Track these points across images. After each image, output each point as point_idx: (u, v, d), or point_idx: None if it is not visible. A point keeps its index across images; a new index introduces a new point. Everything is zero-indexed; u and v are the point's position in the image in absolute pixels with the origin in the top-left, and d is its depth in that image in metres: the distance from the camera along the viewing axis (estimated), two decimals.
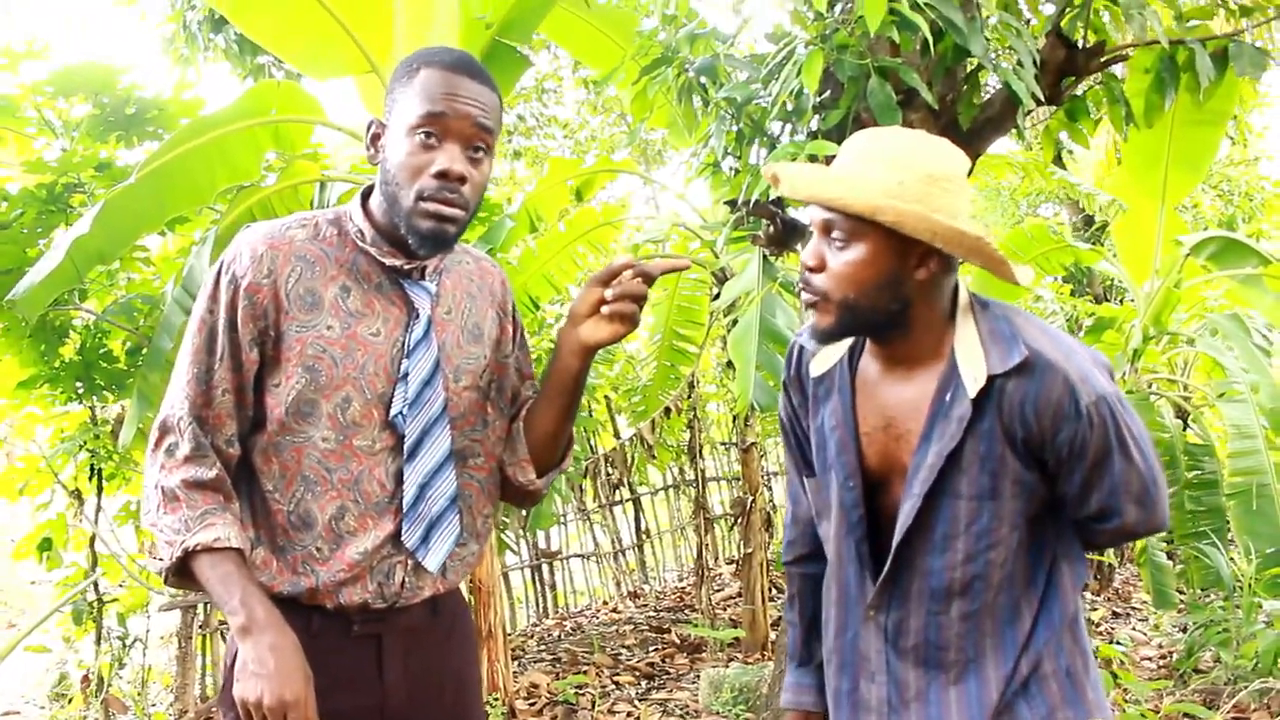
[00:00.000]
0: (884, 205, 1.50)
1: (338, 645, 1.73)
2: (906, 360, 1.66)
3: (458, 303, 1.85)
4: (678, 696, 5.22)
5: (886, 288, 1.57)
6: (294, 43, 4.67)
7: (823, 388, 1.78)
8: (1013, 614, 1.67)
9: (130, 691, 5.40)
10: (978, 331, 1.61)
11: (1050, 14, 3.50)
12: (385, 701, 1.76)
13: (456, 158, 1.66)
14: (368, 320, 1.72)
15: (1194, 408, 7.03)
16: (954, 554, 1.63)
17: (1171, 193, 6.05)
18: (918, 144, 1.58)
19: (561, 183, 5.87)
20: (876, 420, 1.70)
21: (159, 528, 1.65)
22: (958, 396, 1.59)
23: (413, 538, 1.74)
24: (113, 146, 4.78)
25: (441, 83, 1.67)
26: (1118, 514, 1.62)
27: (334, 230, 1.76)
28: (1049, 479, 1.62)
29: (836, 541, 1.76)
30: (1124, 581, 7.58)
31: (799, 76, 3.05)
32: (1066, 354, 1.57)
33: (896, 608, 1.69)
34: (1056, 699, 1.67)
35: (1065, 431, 1.55)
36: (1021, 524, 1.63)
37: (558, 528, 7.62)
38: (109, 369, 4.76)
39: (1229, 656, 4.98)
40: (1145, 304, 6.36)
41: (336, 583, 1.71)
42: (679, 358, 6.89)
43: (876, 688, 1.72)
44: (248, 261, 1.68)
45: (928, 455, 1.61)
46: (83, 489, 5.13)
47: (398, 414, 1.72)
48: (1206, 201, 10.56)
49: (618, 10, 5.22)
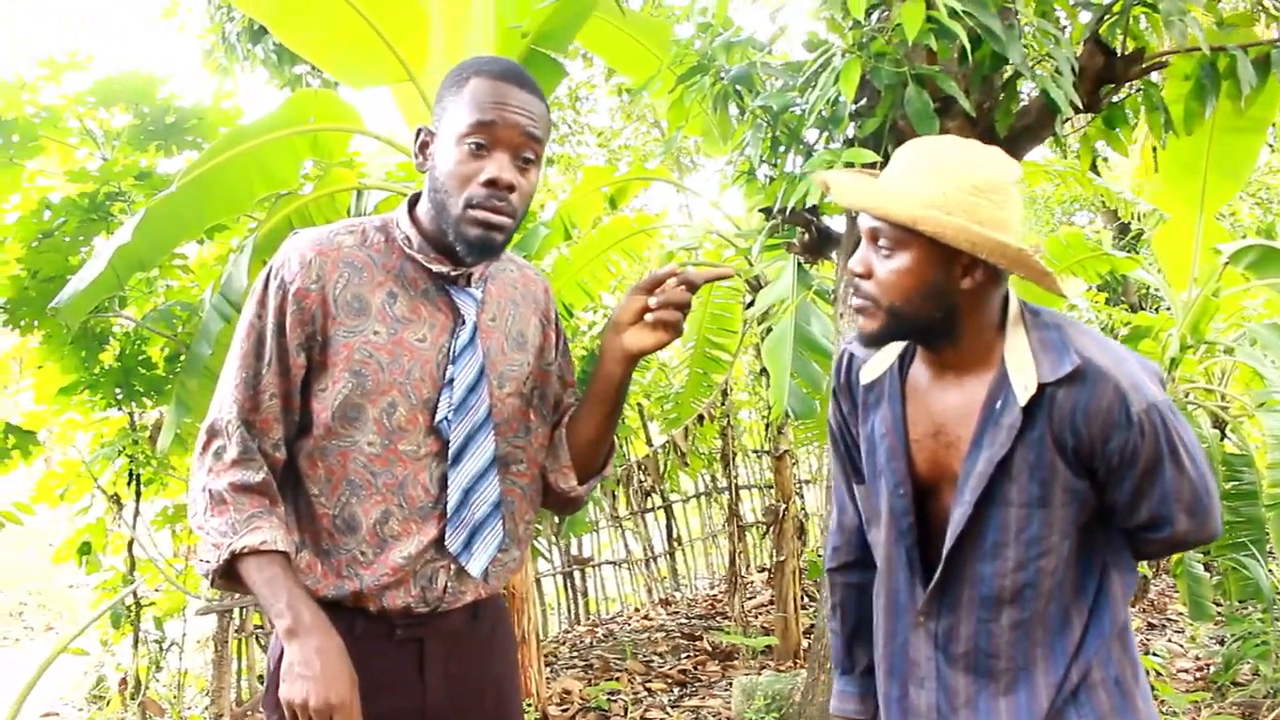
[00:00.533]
0: (924, 216, 1.51)
1: (380, 648, 1.75)
2: (956, 367, 1.67)
3: (502, 310, 1.87)
4: (710, 704, 5.21)
5: (931, 296, 1.58)
6: (333, 52, 4.71)
7: (873, 395, 1.79)
8: (1063, 622, 1.66)
9: (166, 695, 5.45)
10: (1028, 340, 1.61)
11: (1088, 21, 3.48)
12: (426, 704, 1.77)
13: (505, 166, 1.67)
14: (414, 326, 1.74)
15: (1232, 418, 6.95)
16: (1005, 561, 1.63)
17: (1210, 201, 5.98)
18: (966, 154, 1.59)
19: (595, 190, 5.89)
20: (926, 427, 1.70)
21: (206, 530, 1.66)
22: (1008, 404, 1.59)
23: (456, 543, 1.75)
24: (152, 155, 4.85)
25: (491, 92, 1.68)
26: (1169, 523, 1.61)
27: (381, 237, 1.78)
28: (1099, 487, 1.61)
29: (887, 548, 1.77)
30: (1160, 593, 7.50)
31: (836, 84, 3.05)
32: (1117, 362, 1.56)
33: (947, 614, 1.69)
34: (1105, 708, 1.66)
35: (1116, 440, 1.54)
36: (1073, 532, 1.63)
37: (590, 535, 7.62)
38: (148, 375, 4.82)
39: (1268, 669, 4.92)
40: (1183, 312, 6.30)
41: (380, 586, 1.72)
42: (712, 365, 6.89)
43: (926, 694, 1.72)
44: (296, 267, 1.70)
45: (978, 463, 1.61)
46: (121, 494, 5.19)
47: (443, 419, 1.73)
48: (1245, 209, 10.45)
49: (652, 19, 5.24)
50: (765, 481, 8.49)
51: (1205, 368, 7.24)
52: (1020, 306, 1.65)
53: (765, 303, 5.00)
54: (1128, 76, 3.46)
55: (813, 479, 8.89)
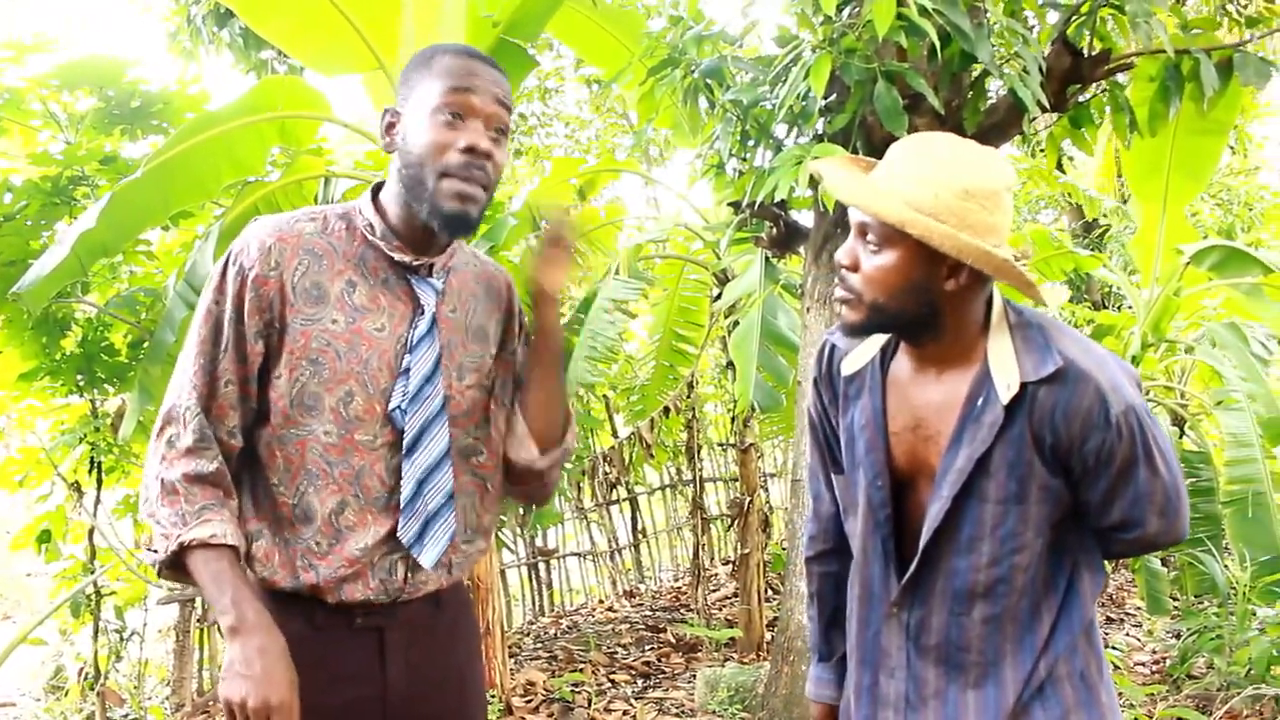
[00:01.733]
0: (913, 219, 1.52)
1: (340, 638, 1.74)
2: (938, 362, 1.68)
3: (463, 302, 1.86)
4: (673, 695, 5.22)
5: (914, 294, 1.59)
6: (302, 39, 4.67)
7: (854, 386, 1.80)
8: (1033, 618, 1.68)
9: (127, 685, 5.41)
10: (1011, 339, 1.62)
11: (1056, 21, 3.52)
12: (387, 694, 1.76)
13: (481, 134, 1.68)
14: (373, 315, 1.73)
15: (1191, 415, 7.05)
16: (979, 556, 1.65)
17: (1173, 201, 6.07)
18: (960, 156, 1.59)
19: (564, 181, 5.88)
20: (906, 420, 1.71)
21: (156, 519, 1.65)
22: (990, 402, 1.60)
23: (409, 534, 1.74)
24: (117, 140, 4.79)
25: (462, 65, 1.69)
26: (1140, 524, 1.64)
27: (343, 225, 1.77)
28: (1074, 486, 1.63)
29: (863, 539, 1.78)
30: (1119, 588, 7.60)
31: (806, 79, 3.07)
32: (1099, 364, 1.58)
33: (919, 606, 1.71)
34: (1070, 702, 1.69)
35: (1094, 440, 1.56)
36: (1046, 530, 1.65)
37: (555, 526, 7.62)
38: (110, 362, 4.77)
39: (1222, 663, 5.00)
40: (1145, 311, 6.38)
41: (338, 579, 1.71)
42: (678, 358, 6.90)
43: (896, 683, 1.74)
44: (255, 254, 1.68)
45: (958, 458, 1.63)
46: (82, 482, 5.13)
47: (396, 408, 1.72)
48: (1206, 210, 10.58)
49: (624, 10, 5.23)
50: (730, 475, 8.53)
51: (1166, 366, 7.34)
52: (1004, 305, 1.67)
53: (732, 296, 5.02)
54: (1094, 77, 3.50)
55: (778, 472, 8.93)
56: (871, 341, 1.77)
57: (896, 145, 1.64)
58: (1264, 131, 11.48)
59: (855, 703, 1.81)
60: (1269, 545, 5.79)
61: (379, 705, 1.76)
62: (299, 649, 1.68)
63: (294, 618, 1.71)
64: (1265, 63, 3.39)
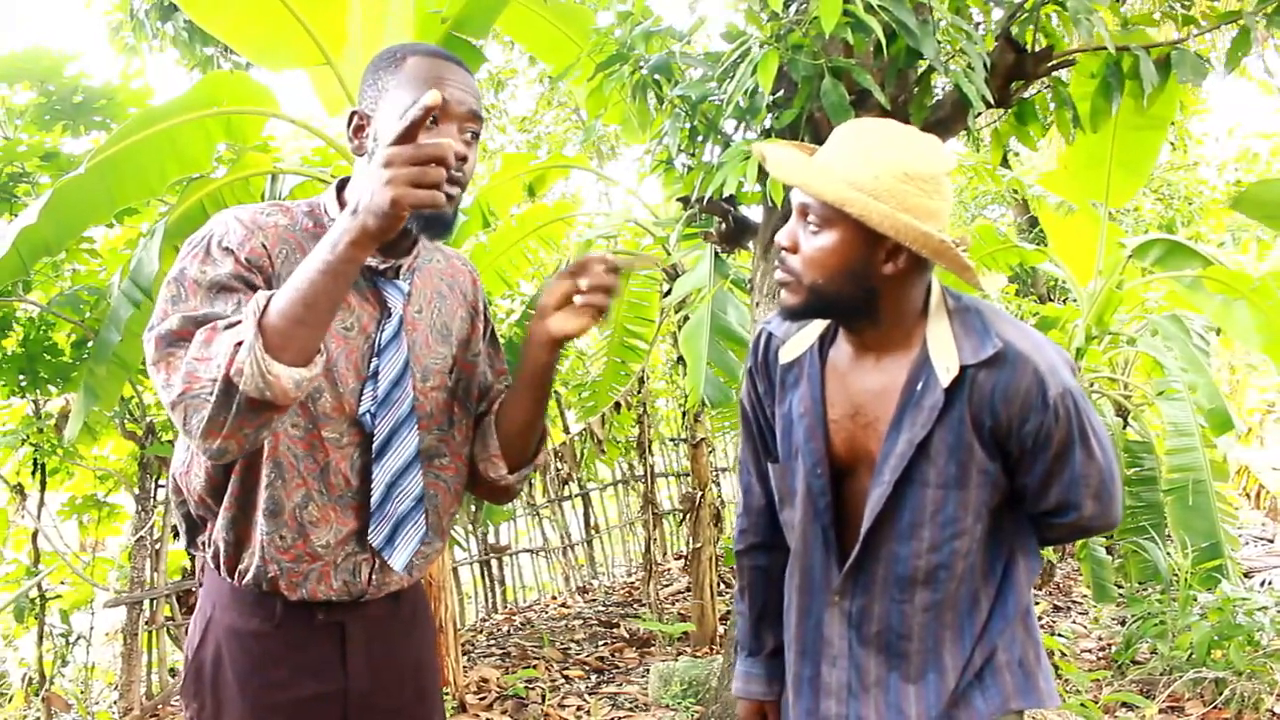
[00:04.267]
0: (853, 198, 1.53)
1: (301, 633, 1.74)
2: (876, 349, 1.69)
3: (428, 302, 1.85)
4: (627, 690, 5.24)
5: (853, 277, 1.60)
6: (248, 34, 4.62)
7: (791, 374, 1.81)
8: (972, 605, 1.70)
9: (73, 690, 5.32)
10: (950, 324, 1.64)
11: (1000, 18, 3.57)
12: (349, 688, 1.77)
13: (456, 139, 1.67)
14: (343, 314, 1.71)
15: (1134, 406, 7.19)
16: (920, 542, 1.66)
17: (1114, 195, 6.17)
18: (902, 140, 1.60)
19: (514, 177, 5.86)
20: (845, 408, 1.73)
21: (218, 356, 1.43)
22: (929, 386, 1.62)
23: (379, 537, 1.74)
24: (58, 135, 4.71)
25: (433, 69, 1.68)
26: (1075, 508, 1.67)
27: (309, 222, 1.74)
28: (1011, 471, 1.66)
29: (802, 527, 1.79)
30: (1065, 576, 7.71)
31: (753, 75, 3.08)
32: (1036, 347, 1.61)
33: (861, 594, 1.72)
34: (1010, 689, 1.72)
35: (1032, 422, 1.59)
36: (985, 515, 1.67)
37: (507, 523, 7.61)
38: (53, 362, 4.68)
39: (1165, 648, 5.10)
40: (1088, 304, 6.48)
41: (300, 574, 1.71)
42: (629, 353, 6.91)
43: (838, 672, 1.75)
44: (242, 232, 1.63)
45: (898, 444, 1.64)
46: (25, 484, 5.05)
47: (365, 412, 1.72)
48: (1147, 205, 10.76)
49: (574, 6, 5.22)
50: (682, 469, 8.55)
51: (1109, 357, 7.46)
52: (942, 292, 1.69)
53: (682, 291, 5.03)
54: (1037, 73, 3.55)
55: (730, 467, 8.97)
56: (810, 329, 1.78)
57: (839, 129, 1.66)
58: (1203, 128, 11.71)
59: (795, 695, 1.81)
60: (1208, 532, 5.92)
61: (340, 700, 1.77)
62: (259, 644, 1.68)
63: (254, 614, 1.72)
64: (1201, 60, 3.46)
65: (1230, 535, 6.07)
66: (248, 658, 1.73)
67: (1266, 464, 11.50)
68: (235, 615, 1.74)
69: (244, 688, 1.72)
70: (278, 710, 1.71)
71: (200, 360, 1.45)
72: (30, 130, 4.62)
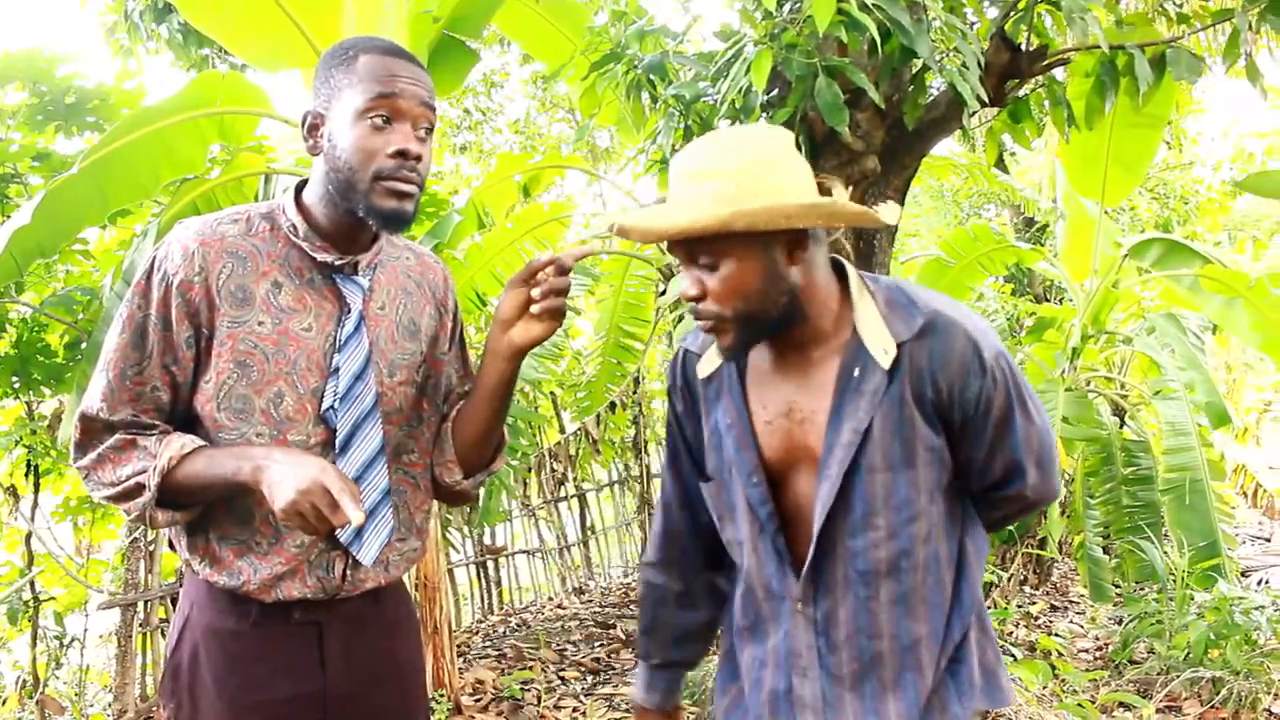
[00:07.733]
0: (729, 215, 1.48)
1: (278, 634, 1.74)
2: (802, 345, 1.66)
3: (393, 298, 1.85)
4: (623, 692, 5.22)
5: (771, 286, 1.56)
6: (242, 34, 4.61)
7: (712, 388, 1.77)
8: (940, 596, 1.67)
9: (67, 692, 5.31)
10: (875, 305, 1.62)
11: (994, 17, 3.56)
12: (328, 688, 1.76)
13: (410, 137, 1.66)
14: (299, 316, 1.72)
15: (1131, 405, 7.18)
16: (877, 532, 1.62)
17: (1110, 194, 6.17)
18: (733, 142, 1.56)
19: (509, 178, 5.85)
20: (778, 406, 1.69)
21: (121, 481, 1.67)
22: (868, 371, 1.59)
23: (346, 532, 1.73)
24: (50, 136, 4.70)
25: (384, 66, 1.67)
26: (1020, 475, 1.65)
27: (266, 225, 1.75)
28: (955, 445, 1.63)
29: (750, 542, 1.74)
30: (1062, 576, 7.71)
31: (747, 74, 3.08)
32: (963, 314, 1.60)
33: (825, 598, 1.67)
34: (978, 690, 1.70)
35: (972, 388, 1.57)
36: (939, 498, 1.64)
37: (503, 524, 7.59)
38: (46, 363, 4.67)
39: (1162, 647, 5.10)
40: (1085, 303, 6.48)
41: (275, 576, 1.71)
42: (624, 354, 6.90)
43: (810, 684, 1.70)
44: (179, 259, 1.66)
45: (842, 433, 1.60)
46: (19, 486, 5.03)
47: (328, 408, 1.72)
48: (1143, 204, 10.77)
49: (569, 4, 5.21)
50: None
51: (1105, 357, 7.46)
52: (859, 277, 1.66)
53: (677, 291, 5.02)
54: (1032, 72, 3.55)
55: None
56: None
57: (673, 169, 1.61)
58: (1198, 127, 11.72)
59: (771, 713, 1.76)
60: (1205, 531, 5.92)
61: (319, 700, 1.76)
62: (236, 644, 1.68)
63: (231, 614, 1.72)
64: (1197, 58, 3.46)
65: (1227, 534, 6.06)
66: (225, 657, 1.73)
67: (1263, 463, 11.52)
68: (212, 615, 1.74)
69: (221, 688, 1.72)
70: (255, 710, 1.71)
71: (112, 462, 1.69)
72: (23, 131, 4.60)
